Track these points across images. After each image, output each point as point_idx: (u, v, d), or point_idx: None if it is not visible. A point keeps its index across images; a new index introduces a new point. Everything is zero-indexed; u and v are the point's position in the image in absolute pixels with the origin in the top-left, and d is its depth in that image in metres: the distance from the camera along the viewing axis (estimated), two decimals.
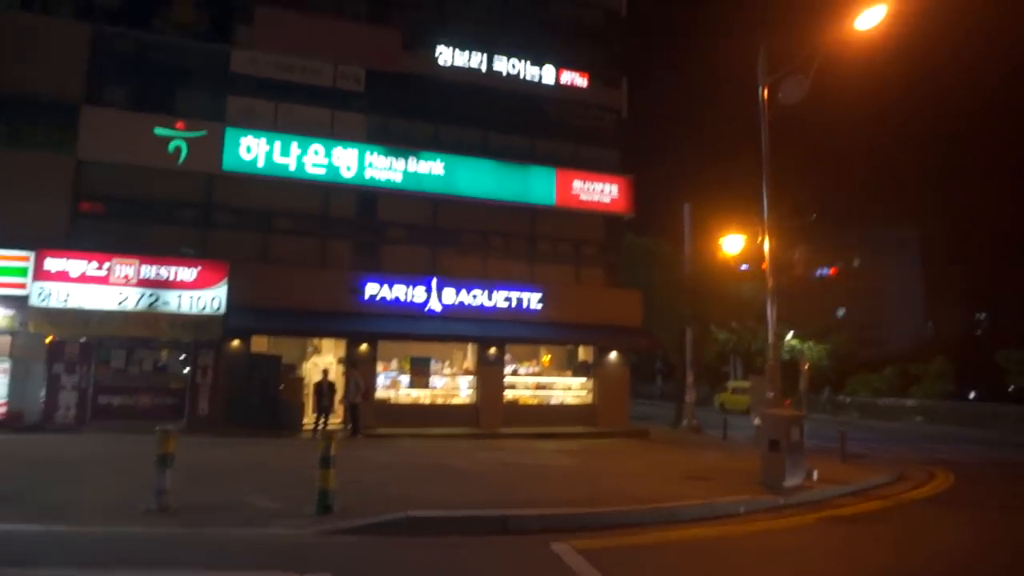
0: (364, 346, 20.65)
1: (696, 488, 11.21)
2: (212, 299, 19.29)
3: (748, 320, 30.02)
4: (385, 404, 21.03)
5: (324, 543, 7.24)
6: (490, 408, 21.62)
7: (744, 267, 31.17)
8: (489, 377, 21.84)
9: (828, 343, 49.56)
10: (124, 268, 18.56)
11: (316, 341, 23.85)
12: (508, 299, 22.21)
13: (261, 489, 9.81)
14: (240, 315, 19.14)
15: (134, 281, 18.67)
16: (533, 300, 22.46)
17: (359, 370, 19.35)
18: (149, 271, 18.84)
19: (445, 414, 21.39)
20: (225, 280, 19.42)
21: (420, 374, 21.37)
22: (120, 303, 18.45)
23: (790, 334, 49.83)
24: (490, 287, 22.12)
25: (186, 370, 19.23)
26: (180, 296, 19.05)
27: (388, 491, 9.74)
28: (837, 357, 49.72)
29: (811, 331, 51.05)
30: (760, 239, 14.66)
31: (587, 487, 10.86)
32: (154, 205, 19.96)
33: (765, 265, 16.58)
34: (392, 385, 21.54)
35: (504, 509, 8.38)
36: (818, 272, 60.75)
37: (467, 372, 22.37)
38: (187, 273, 19.18)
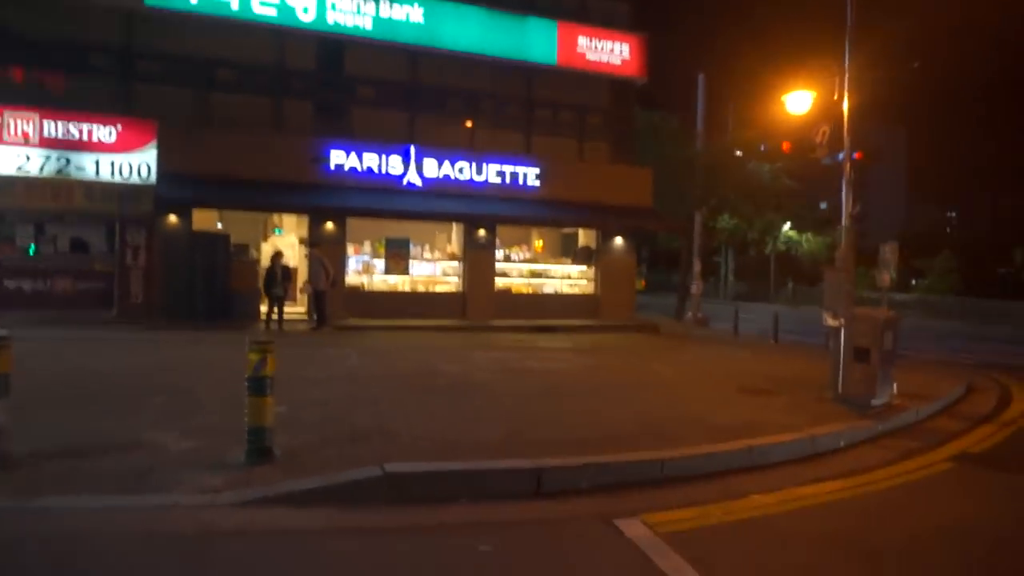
0: (330, 224, 17.38)
1: (763, 407, 8.54)
2: (139, 165, 15.72)
3: (765, 207, 27.00)
4: (358, 292, 18.03)
5: (245, 528, 4.35)
6: (479, 298, 18.74)
7: (763, 147, 28.09)
8: (478, 262, 18.83)
9: (827, 235, 47.10)
10: (20, 124, 14.79)
11: (276, 219, 20.60)
12: (500, 174, 18.87)
13: (177, 414, 6.87)
14: (175, 184, 15.66)
15: (35, 140, 14.98)
16: (530, 176, 19.16)
17: (323, 251, 16.16)
18: (54, 128, 15.11)
19: (427, 304, 18.50)
20: (153, 142, 15.79)
21: (397, 258, 18.27)
22: (19, 167, 14.82)
23: (787, 225, 47.30)
24: (479, 159, 18.71)
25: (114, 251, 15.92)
26: (98, 160, 15.43)
27: (357, 418, 6.86)
28: (836, 250, 47.40)
29: (806, 223, 48.55)
30: (837, 94, 11.33)
31: (627, 406, 8.12)
32: (58, 47, 15.86)
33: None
34: (365, 270, 18.46)
35: (533, 459, 5.52)
36: (839, 155, 57.27)
37: (452, 257, 19.32)
38: (104, 132, 15.49)
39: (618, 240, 20.29)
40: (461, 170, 18.41)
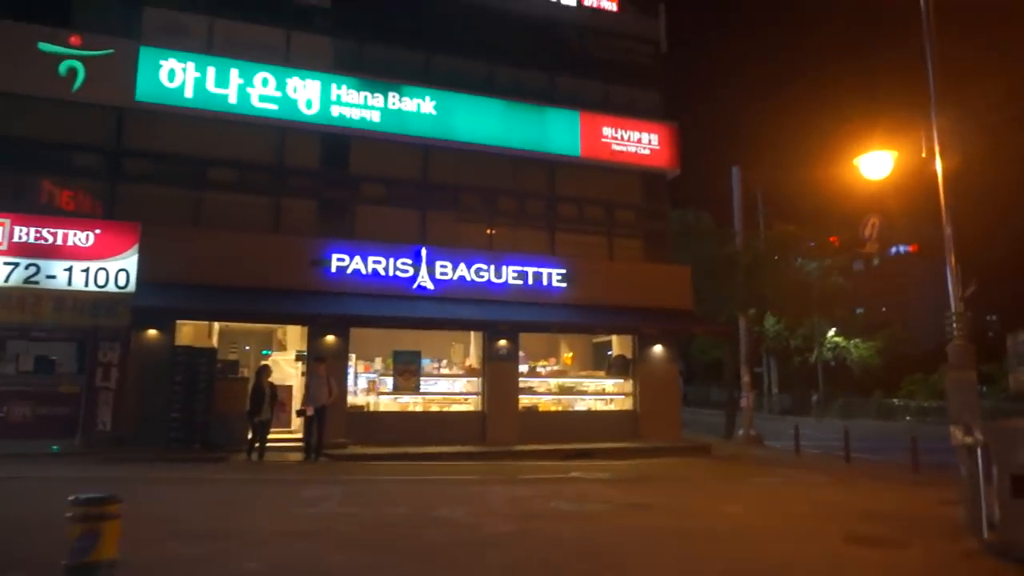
0: (331, 336, 15.33)
1: (896, 571, 5.92)
2: (117, 272, 14.05)
3: (812, 308, 24.55)
4: (361, 413, 15.71)
5: None
6: (501, 418, 16.26)
7: (812, 243, 26.07)
8: (499, 377, 16.49)
9: (877, 340, 43.89)
10: None
11: (280, 334, 18.65)
12: (522, 275, 16.88)
13: None
14: (156, 293, 13.87)
15: (3, 247, 13.43)
16: (554, 277, 17.14)
17: (325, 365, 13.98)
18: (25, 233, 13.61)
19: (442, 426, 16.06)
20: (135, 247, 14.20)
21: (407, 373, 16.01)
22: None
23: (832, 331, 44.37)
24: (498, 260, 16.81)
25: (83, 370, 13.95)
26: (71, 268, 13.81)
27: None
28: (887, 356, 44.08)
29: (852, 329, 45.44)
30: (926, 151, 9.27)
31: None
32: (37, 146, 14.65)
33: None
34: (370, 389, 16.20)
35: None
36: (893, 249, 54.29)
37: (470, 371, 17.02)
38: (81, 237, 13.96)
39: (657, 348, 17.89)
40: (478, 272, 16.48)
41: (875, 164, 9.80)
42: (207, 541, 6.13)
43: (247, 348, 17.59)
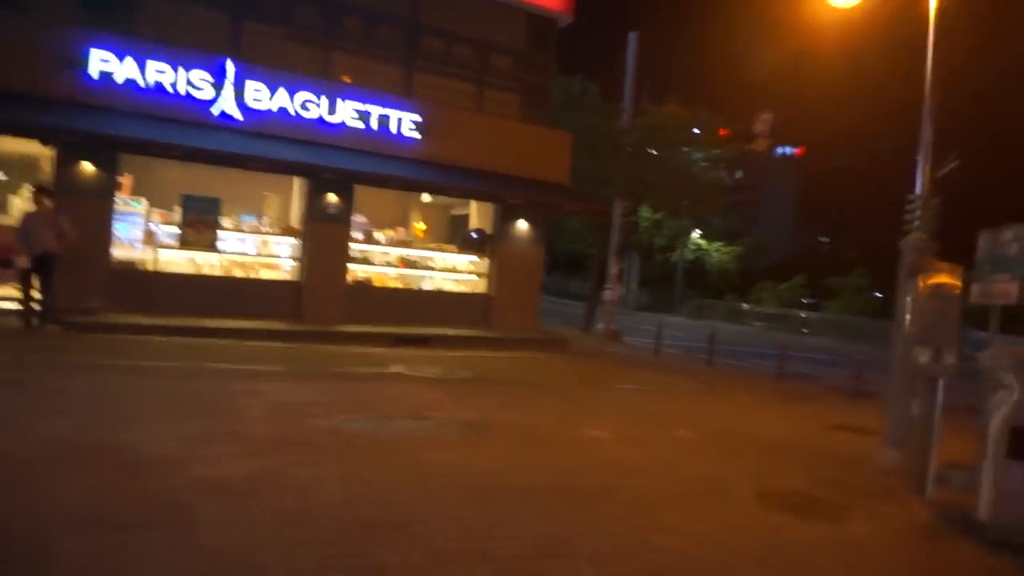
0: (88, 165, 11.26)
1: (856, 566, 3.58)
2: None
3: (695, 202, 22.62)
4: (131, 271, 11.93)
5: None
6: (323, 291, 13.06)
7: (697, 131, 23.91)
8: (324, 240, 13.13)
9: (738, 246, 44.11)
10: None
11: (46, 164, 14.11)
12: (364, 116, 13.32)
13: None
14: None
15: None
16: (405, 124, 13.72)
17: (55, 200, 9.95)
18: None
19: (245, 297, 12.62)
20: None
21: (200, 225, 12.26)
22: None
23: (696, 232, 44.02)
24: (333, 93, 13.08)
25: None
26: None
27: None
28: (742, 263, 44.58)
29: (712, 233, 45.41)
30: None
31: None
32: None
33: None
34: (147, 240, 12.37)
35: None
36: (779, 150, 54.32)
37: (287, 231, 13.53)
38: None
39: (522, 224, 15.14)
40: (305, 105, 12.72)
41: None
42: None
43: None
